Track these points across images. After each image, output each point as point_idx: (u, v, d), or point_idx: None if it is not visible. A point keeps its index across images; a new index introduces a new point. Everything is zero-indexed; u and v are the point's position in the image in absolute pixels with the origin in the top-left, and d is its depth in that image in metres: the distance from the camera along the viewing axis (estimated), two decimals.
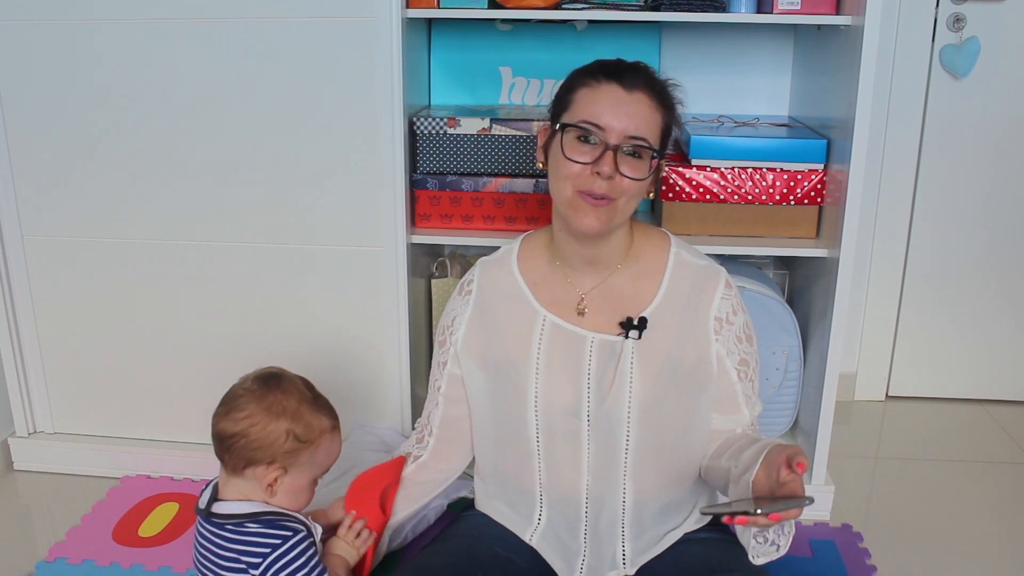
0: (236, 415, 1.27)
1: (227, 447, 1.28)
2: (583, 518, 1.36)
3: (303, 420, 1.29)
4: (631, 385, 1.30)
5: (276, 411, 1.27)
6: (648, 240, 1.39)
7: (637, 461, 1.33)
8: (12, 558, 1.75)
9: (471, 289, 1.43)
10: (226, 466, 1.30)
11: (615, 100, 1.25)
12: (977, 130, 2.26)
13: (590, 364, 1.32)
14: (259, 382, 1.31)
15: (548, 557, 1.40)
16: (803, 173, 1.79)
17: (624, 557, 1.36)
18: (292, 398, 1.30)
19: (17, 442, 2.06)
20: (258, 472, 1.28)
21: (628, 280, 1.36)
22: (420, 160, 1.86)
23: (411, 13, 1.74)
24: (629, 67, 1.29)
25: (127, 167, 1.85)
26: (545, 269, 1.39)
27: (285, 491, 1.30)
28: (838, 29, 1.72)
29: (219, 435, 1.29)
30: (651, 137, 1.27)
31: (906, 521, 1.90)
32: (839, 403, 1.86)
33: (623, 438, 1.31)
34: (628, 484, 1.34)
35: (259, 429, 1.26)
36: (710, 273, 1.37)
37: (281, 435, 1.27)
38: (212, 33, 1.74)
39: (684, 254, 1.39)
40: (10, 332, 1.99)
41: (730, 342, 1.35)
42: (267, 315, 1.91)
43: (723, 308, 1.35)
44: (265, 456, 1.27)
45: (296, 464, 1.29)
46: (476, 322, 1.41)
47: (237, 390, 1.31)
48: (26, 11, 1.78)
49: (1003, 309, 2.39)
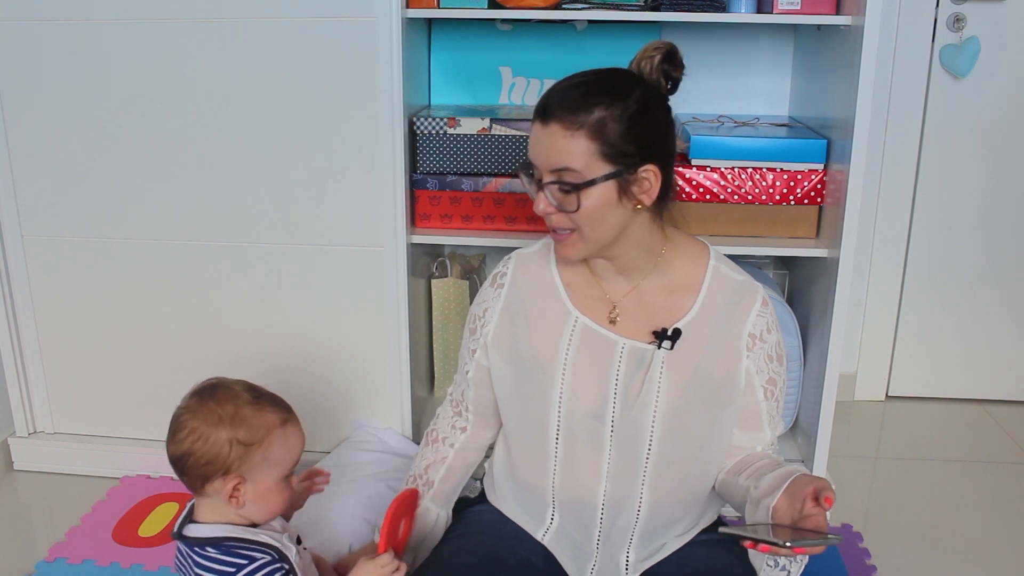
0: (179, 436, 1.23)
1: (180, 469, 1.24)
2: (598, 524, 1.36)
3: (244, 423, 1.23)
4: (658, 394, 1.29)
5: (213, 421, 1.22)
6: (684, 250, 1.37)
7: (657, 471, 1.32)
8: (12, 558, 1.75)
9: (504, 282, 1.41)
10: (190, 488, 1.26)
11: (536, 139, 1.25)
12: (977, 130, 2.26)
13: (619, 370, 1.31)
14: (195, 397, 1.26)
15: (560, 558, 1.39)
16: (803, 173, 1.79)
17: (628, 564, 1.36)
18: (228, 404, 1.24)
19: (17, 442, 2.06)
20: (216, 486, 1.22)
21: (661, 290, 1.34)
22: (420, 160, 1.86)
23: (411, 13, 1.74)
24: (553, 96, 1.23)
25: (127, 167, 1.86)
26: (582, 270, 1.38)
27: (252, 499, 1.24)
28: (838, 29, 1.72)
29: (171, 460, 1.25)
30: (574, 164, 1.21)
31: (906, 521, 1.90)
32: (839, 403, 1.86)
33: (645, 446, 1.31)
34: (645, 493, 1.33)
35: (202, 444, 1.22)
36: (748, 289, 1.35)
37: (224, 444, 1.21)
38: (212, 33, 1.75)
39: (723, 268, 1.36)
40: (10, 332, 1.99)
41: (761, 360, 1.33)
42: (267, 315, 1.91)
43: (758, 325, 1.33)
44: (217, 469, 1.22)
45: (251, 469, 1.22)
46: (506, 316, 1.39)
47: (177, 411, 1.26)
48: (27, 11, 1.78)
49: (1003, 309, 2.40)
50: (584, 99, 1.21)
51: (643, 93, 1.24)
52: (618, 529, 1.35)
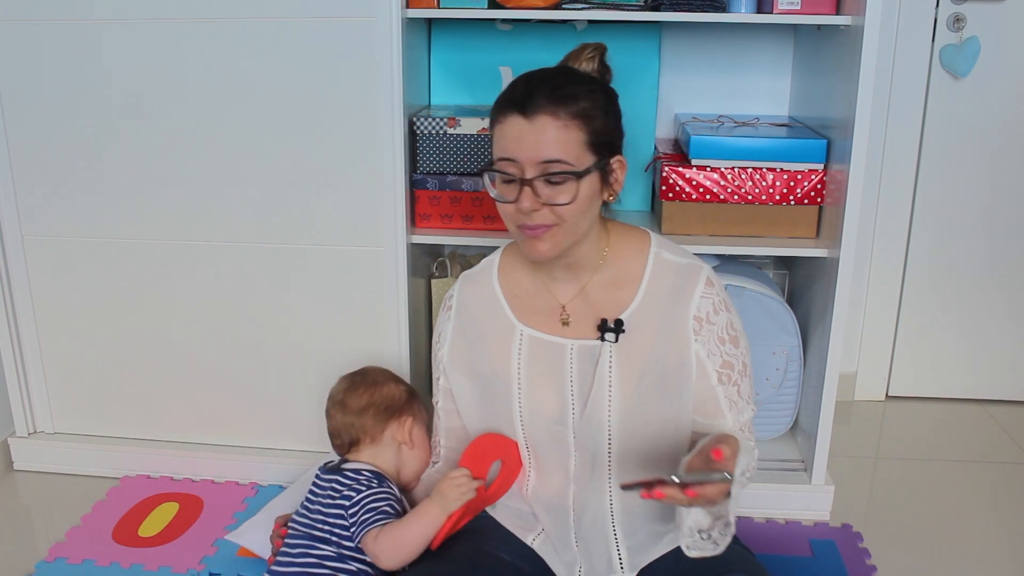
0: (356, 394, 1.54)
1: (360, 427, 1.51)
2: (571, 525, 1.36)
3: (401, 381, 1.59)
4: (611, 389, 1.29)
5: (380, 381, 1.56)
6: (626, 242, 1.35)
7: (621, 466, 1.31)
8: (12, 558, 1.75)
9: (451, 304, 1.44)
10: (363, 442, 1.51)
11: (519, 132, 1.21)
12: (977, 130, 2.26)
13: (571, 371, 1.32)
14: (349, 377, 1.58)
15: (550, 561, 1.40)
16: (803, 173, 1.79)
17: (621, 560, 1.36)
18: (380, 374, 1.58)
19: (17, 442, 2.06)
20: (393, 429, 1.51)
21: (606, 284, 1.33)
22: (420, 160, 1.86)
23: (411, 13, 1.74)
24: (534, 89, 1.22)
25: (127, 167, 1.86)
26: (527, 281, 1.38)
27: (419, 442, 1.53)
28: (838, 29, 1.72)
29: (345, 423, 1.52)
30: (568, 155, 1.21)
31: (906, 521, 1.90)
32: (839, 403, 1.86)
33: (605, 443, 1.30)
34: (615, 489, 1.33)
35: (379, 394, 1.53)
36: (691, 271, 1.32)
37: (395, 390, 1.55)
38: (211, 33, 1.74)
39: (664, 253, 1.34)
40: (10, 332, 1.99)
41: (711, 343, 1.30)
42: (267, 315, 1.91)
43: (703, 307, 1.30)
44: (394, 411, 1.52)
45: (415, 413, 1.55)
46: (459, 337, 1.41)
47: (336, 387, 1.57)
48: (27, 11, 1.78)
49: (1003, 309, 2.39)
50: (569, 90, 1.22)
51: (606, 87, 1.28)
52: (592, 528, 1.35)
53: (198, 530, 1.81)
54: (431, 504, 1.36)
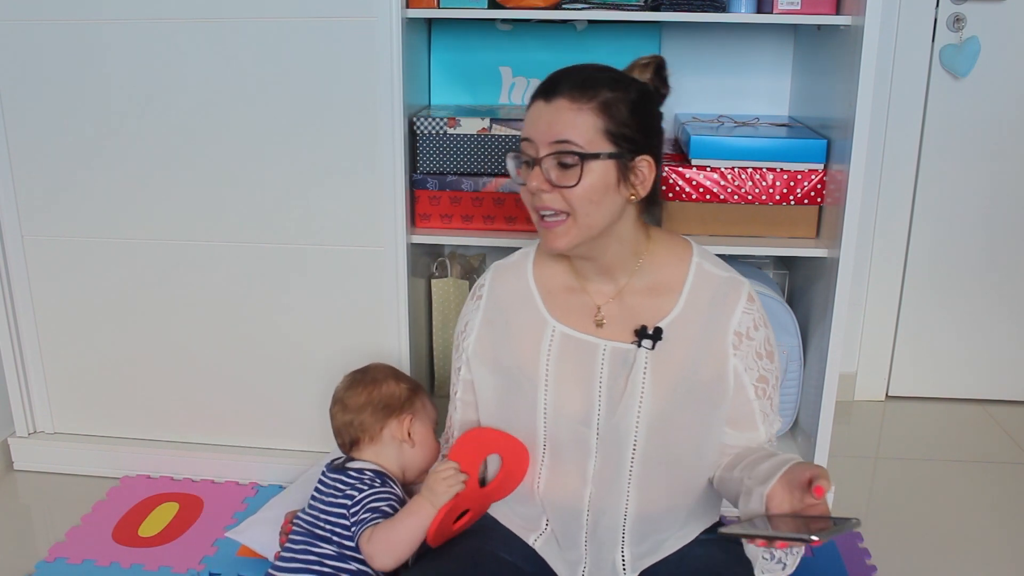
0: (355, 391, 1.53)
1: (358, 424, 1.50)
2: (583, 526, 1.35)
3: (402, 379, 1.57)
4: (642, 396, 1.28)
5: (380, 378, 1.55)
6: (667, 249, 1.35)
7: (643, 473, 1.31)
8: (12, 558, 1.75)
9: (482, 294, 1.42)
10: (362, 441, 1.50)
11: (537, 115, 1.24)
12: (977, 130, 2.26)
13: (602, 373, 1.31)
14: (352, 375, 1.57)
15: (551, 562, 1.39)
16: (803, 173, 1.79)
17: (624, 563, 1.36)
18: (381, 371, 1.57)
19: (17, 442, 2.06)
20: (392, 427, 1.50)
21: (644, 290, 1.33)
22: (420, 160, 1.86)
23: (411, 13, 1.74)
24: (562, 78, 1.25)
25: (126, 167, 1.86)
26: (562, 277, 1.37)
27: (420, 440, 1.52)
28: (838, 29, 1.72)
29: (344, 421, 1.51)
30: (577, 137, 1.21)
31: (906, 521, 1.90)
32: (839, 403, 1.86)
33: (629, 449, 1.30)
34: (631, 494, 1.32)
35: (377, 392, 1.52)
36: (732, 286, 1.33)
37: (394, 389, 1.53)
38: (211, 33, 1.75)
39: (706, 265, 1.35)
40: (10, 332, 1.99)
41: (749, 358, 1.31)
42: (267, 315, 1.91)
43: (744, 323, 1.31)
44: (393, 409, 1.51)
45: (416, 412, 1.54)
46: (486, 329, 1.40)
47: (340, 386, 1.56)
48: (27, 11, 1.78)
49: (1003, 309, 2.40)
50: (593, 80, 1.24)
51: (642, 87, 1.28)
52: (605, 529, 1.34)
53: (198, 530, 1.81)
54: (420, 499, 1.35)
